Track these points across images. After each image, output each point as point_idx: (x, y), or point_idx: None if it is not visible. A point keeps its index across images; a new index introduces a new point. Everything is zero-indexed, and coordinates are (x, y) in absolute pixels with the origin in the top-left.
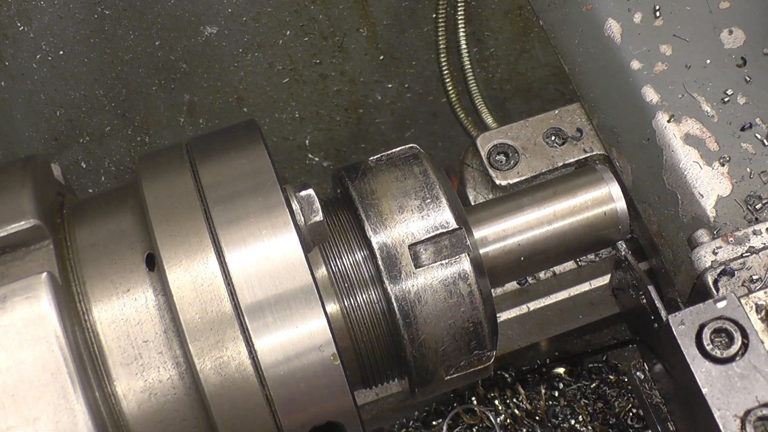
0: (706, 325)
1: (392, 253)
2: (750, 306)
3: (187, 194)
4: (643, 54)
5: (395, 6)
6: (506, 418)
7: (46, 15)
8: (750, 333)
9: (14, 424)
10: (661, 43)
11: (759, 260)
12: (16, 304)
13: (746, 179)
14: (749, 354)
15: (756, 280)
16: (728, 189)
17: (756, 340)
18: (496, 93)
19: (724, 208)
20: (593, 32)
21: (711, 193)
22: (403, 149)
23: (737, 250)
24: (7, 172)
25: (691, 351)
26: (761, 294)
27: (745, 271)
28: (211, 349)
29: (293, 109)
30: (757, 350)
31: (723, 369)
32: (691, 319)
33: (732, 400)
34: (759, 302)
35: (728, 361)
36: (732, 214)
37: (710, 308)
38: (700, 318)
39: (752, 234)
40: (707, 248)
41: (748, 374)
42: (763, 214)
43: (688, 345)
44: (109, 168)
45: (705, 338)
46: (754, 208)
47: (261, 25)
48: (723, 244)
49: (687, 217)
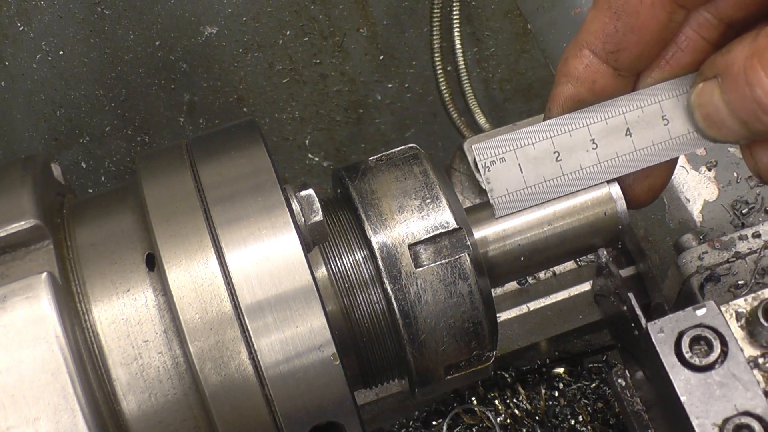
0: (685, 333)
1: (392, 253)
2: (730, 313)
3: (187, 194)
4: None
5: (395, 6)
6: (506, 418)
7: (46, 15)
8: (729, 341)
9: (14, 424)
10: None
11: (745, 265)
12: (16, 304)
13: (733, 184)
14: (728, 362)
15: (741, 286)
16: (715, 194)
17: (735, 348)
18: (496, 93)
19: (710, 212)
20: None
21: (698, 197)
22: (403, 149)
23: (723, 255)
24: (7, 172)
25: (669, 359)
26: (741, 301)
27: (731, 276)
28: (211, 349)
29: (293, 109)
30: (736, 358)
31: (702, 377)
32: (670, 326)
33: (711, 408)
34: (739, 310)
35: (707, 369)
36: (719, 218)
37: (689, 316)
38: (680, 326)
39: (738, 239)
40: (693, 253)
41: (726, 382)
42: (749, 218)
43: (667, 353)
44: (109, 168)
45: (684, 346)
46: (741, 213)
47: (261, 25)
48: (709, 249)
49: (674, 221)
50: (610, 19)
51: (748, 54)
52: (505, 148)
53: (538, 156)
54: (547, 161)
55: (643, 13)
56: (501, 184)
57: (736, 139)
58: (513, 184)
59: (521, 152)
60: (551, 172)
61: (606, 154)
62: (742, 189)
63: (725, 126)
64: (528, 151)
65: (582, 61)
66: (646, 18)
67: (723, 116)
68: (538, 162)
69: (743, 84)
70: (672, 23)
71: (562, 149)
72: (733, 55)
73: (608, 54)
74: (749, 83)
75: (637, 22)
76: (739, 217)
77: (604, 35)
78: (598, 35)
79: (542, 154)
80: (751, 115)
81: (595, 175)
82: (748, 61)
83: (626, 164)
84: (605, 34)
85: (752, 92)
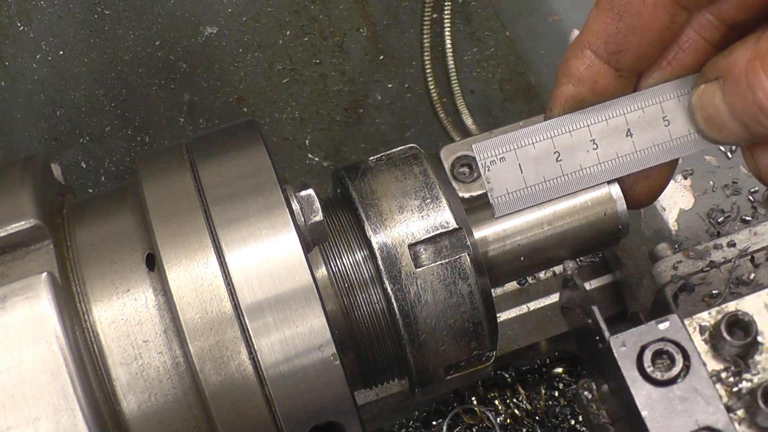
0: (647, 347)
1: (392, 253)
2: (694, 327)
3: (187, 194)
4: None
5: (395, 6)
6: (506, 418)
7: (46, 15)
8: (692, 355)
9: (14, 424)
10: None
11: (720, 275)
12: (16, 304)
13: (709, 192)
14: (690, 376)
15: (716, 295)
16: (691, 202)
17: (698, 362)
18: (496, 93)
19: (686, 221)
20: (559, 43)
21: (673, 206)
22: (403, 149)
23: (698, 265)
24: (7, 172)
25: (631, 373)
26: (705, 315)
27: (706, 285)
28: (211, 349)
29: (293, 109)
30: (699, 372)
31: (663, 391)
32: (632, 340)
33: (672, 423)
34: (703, 323)
35: (669, 384)
36: (694, 227)
37: (652, 330)
38: (642, 339)
39: (713, 248)
40: (668, 262)
41: (688, 397)
42: (725, 227)
43: (629, 367)
44: (109, 168)
45: (646, 360)
46: (717, 222)
47: (261, 25)
48: (684, 259)
49: (649, 230)
50: (612, 20)
51: (750, 57)
52: (505, 147)
53: (538, 156)
54: (547, 161)
55: (645, 14)
56: (501, 184)
57: (736, 141)
58: (513, 184)
59: (521, 152)
60: (551, 172)
61: (606, 155)
62: (718, 198)
63: (726, 128)
64: (528, 151)
65: (583, 61)
66: (648, 19)
67: (724, 118)
68: (539, 162)
69: (745, 86)
70: (674, 24)
71: (562, 149)
72: (734, 58)
73: (610, 54)
74: (751, 86)
75: (639, 23)
76: (715, 226)
77: (605, 36)
78: (600, 36)
79: (542, 154)
80: (752, 118)
81: (595, 175)
82: (750, 64)
83: (627, 165)
84: (607, 34)
85: (753, 95)
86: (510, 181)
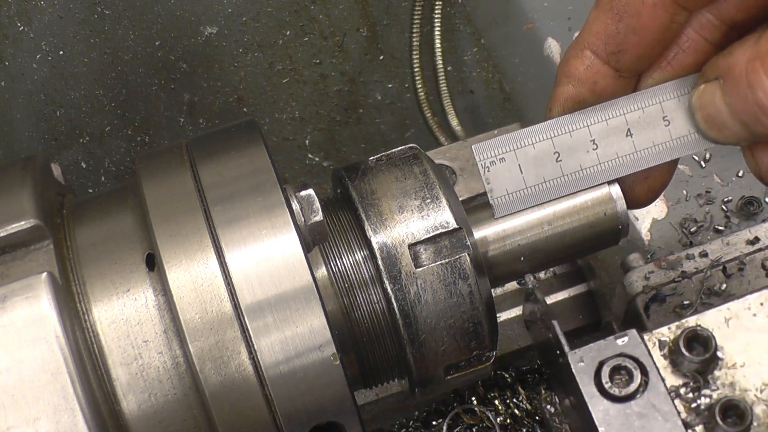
0: (605, 363)
1: (392, 253)
2: (653, 342)
3: (187, 194)
4: None
5: (395, 6)
6: (506, 418)
7: (46, 15)
8: (650, 370)
9: (14, 424)
10: None
11: (691, 285)
12: (16, 304)
13: (682, 202)
14: (648, 392)
15: (687, 306)
16: (664, 212)
17: (656, 378)
18: (496, 93)
19: (659, 231)
20: (533, 51)
21: (646, 215)
22: (403, 149)
23: (670, 275)
24: (7, 172)
25: (588, 389)
26: (665, 330)
27: (677, 296)
28: (211, 349)
29: (293, 109)
30: (657, 388)
31: (621, 407)
32: (591, 356)
33: None
34: (662, 338)
35: (627, 400)
36: (667, 237)
37: (611, 345)
38: (600, 355)
39: (685, 258)
40: (639, 273)
41: (646, 413)
42: (697, 237)
43: (587, 382)
44: (109, 168)
45: (604, 376)
46: (689, 232)
47: (261, 25)
48: (656, 269)
49: (622, 240)
50: (612, 20)
51: (750, 56)
52: (504, 148)
53: (538, 156)
54: (547, 162)
55: (644, 14)
56: (501, 185)
57: (737, 140)
58: (513, 184)
59: (521, 152)
60: (551, 173)
61: (606, 155)
62: (691, 207)
63: (726, 128)
64: (528, 151)
65: (583, 61)
66: (648, 19)
67: (724, 118)
68: (538, 162)
69: (745, 86)
70: (674, 24)
71: (562, 150)
72: (735, 58)
73: (609, 55)
74: (751, 86)
75: (638, 23)
76: (688, 235)
77: (605, 36)
78: (600, 36)
79: (542, 154)
80: (752, 118)
81: (595, 175)
82: (750, 64)
83: (627, 165)
84: (607, 34)
85: (754, 95)
86: (510, 181)
